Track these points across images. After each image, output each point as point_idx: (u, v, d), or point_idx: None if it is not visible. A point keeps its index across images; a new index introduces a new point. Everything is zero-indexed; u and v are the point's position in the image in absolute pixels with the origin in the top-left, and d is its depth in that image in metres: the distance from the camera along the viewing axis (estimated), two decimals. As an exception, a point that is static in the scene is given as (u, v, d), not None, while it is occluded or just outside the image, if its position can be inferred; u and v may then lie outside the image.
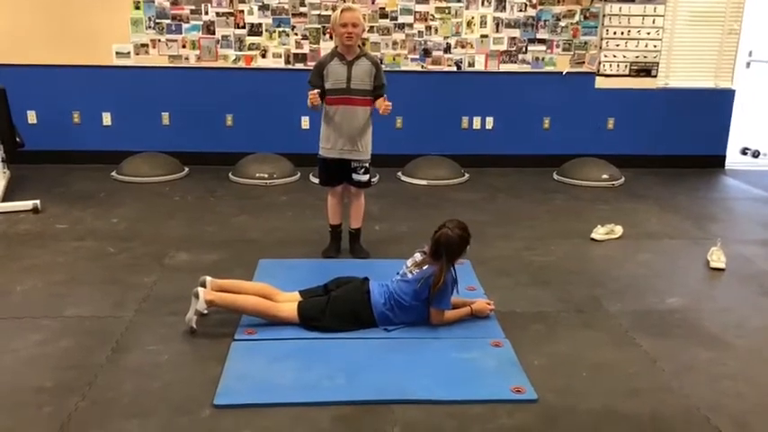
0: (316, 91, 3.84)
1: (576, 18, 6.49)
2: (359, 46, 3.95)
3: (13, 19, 6.08)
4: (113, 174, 6.01)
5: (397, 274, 3.30)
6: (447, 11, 6.38)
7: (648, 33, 6.56)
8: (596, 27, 6.53)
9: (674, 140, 6.82)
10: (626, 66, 6.63)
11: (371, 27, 6.32)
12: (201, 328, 3.12)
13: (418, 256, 3.28)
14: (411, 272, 3.23)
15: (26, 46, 6.12)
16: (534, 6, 6.43)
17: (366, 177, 4.07)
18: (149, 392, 2.64)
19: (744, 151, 7.56)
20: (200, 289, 3.14)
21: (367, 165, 4.05)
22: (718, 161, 6.95)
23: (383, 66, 6.31)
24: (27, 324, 3.19)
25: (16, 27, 6.09)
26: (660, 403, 2.66)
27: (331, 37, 6.28)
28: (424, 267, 3.20)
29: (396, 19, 6.36)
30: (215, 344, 3.01)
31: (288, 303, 3.18)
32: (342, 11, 3.82)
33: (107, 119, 6.39)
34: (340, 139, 3.95)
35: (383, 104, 3.87)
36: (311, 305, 3.16)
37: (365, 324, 3.15)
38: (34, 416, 2.48)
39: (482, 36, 6.46)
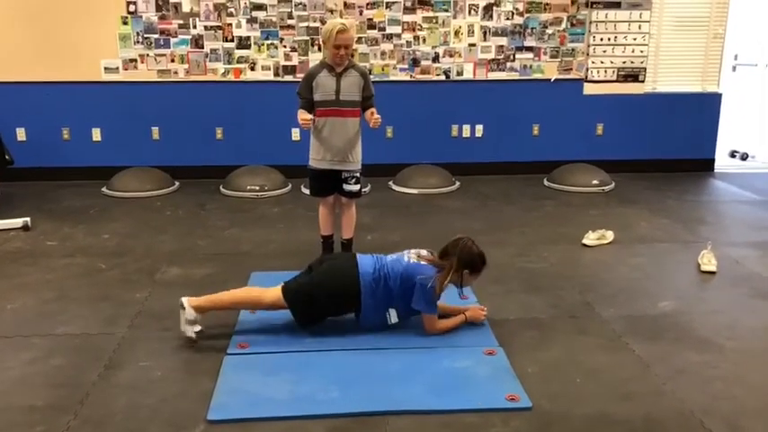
0: (309, 117, 3.85)
1: (563, 25, 6.54)
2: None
3: (0, 36, 6.07)
4: (104, 189, 5.99)
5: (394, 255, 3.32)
6: (435, 20, 6.42)
7: (635, 39, 6.61)
8: (583, 34, 6.58)
9: (662, 145, 6.86)
10: (613, 71, 6.68)
11: (360, 38, 6.34)
12: (194, 343, 3.11)
13: (424, 252, 3.28)
14: (410, 258, 3.22)
15: (14, 63, 6.12)
16: (521, 14, 6.47)
17: (357, 187, 4.08)
18: (142, 409, 2.62)
19: (732, 154, 7.61)
20: (183, 299, 3.12)
21: (358, 175, 4.05)
22: (706, 164, 6.99)
23: (372, 76, 6.36)
24: (17, 343, 3.17)
25: (4, 44, 6.08)
26: (654, 407, 2.66)
27: (320, 48, 6.31)
28: (423, 263, 3.19)
29: (384, 29, 6.39)
30: (208, 358, 3.00)
31: (272, 289, 3.19)
32: (337, 32, 3.77)
33: (97, 135, 6.38)
34: (330, 150, 3.96)
35: (372, 118, 3.89)
36: (295, 281, 3.19)
37: (349, 296, 3.13)
38: (26, 435, 2.47)
39: (470, 45, 6.50)
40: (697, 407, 2.66)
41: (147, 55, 6.26)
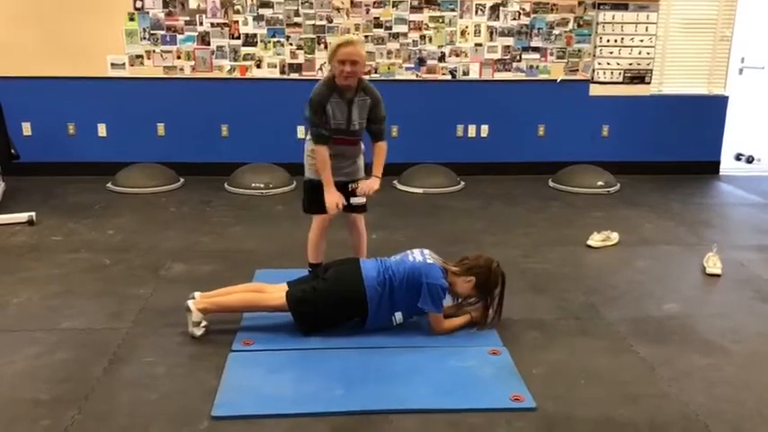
0: (338, 199, 3.49)
1: (570, 26, 6.53)
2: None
3: (7, 31, 6.08)
4: (109, 185, 6.00)
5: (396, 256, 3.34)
6: (441, 20, 6.41)
7: (642, 41, 6.60)
8: (590, 35, 6.57)
9: (668, 147, 6.85)
10: (619, 73, 6.66)
11: (366, 36, 6.34)
12: (198, 339, 3.12)
13: (427, 252, 3.29)
14: (415, 258, 3.24)
15: (21, 58, 6.12)
16: (528, 15, 6.46)
17: (364, 200, 3.74)
18: (146, 405, 2.63)
19: (738, 157, 7.59)
20: (189, 302, 3.15)
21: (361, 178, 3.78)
22: (712, 167, 6.98)
23: (377, 75, 6.36)
24: (23, 337, 3.17)
25: (11, 39, 6.09)
26: (658, 410, 2.65)
27: (326, 46, 6.31)
28: (430, 262, 3.20)
29: (390, 28, 6.39)
30: (212, 355, 3.00)
31: (277, 292, 3.19)
32: (339, 45, 3.34)
33: (102, 130, 6.39)
34: (336, 172, 3.61)
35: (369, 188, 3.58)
36: (299, 287, 3.18)
37: (355, 303, 3.13)
38: (31, 429, 2.47)
39: (476, 45, 6.49)
40: (702, 410, 2.65)
41: (154, 51, 6.26)
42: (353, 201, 3.66)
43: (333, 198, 3.48)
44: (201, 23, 6.25)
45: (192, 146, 6.45)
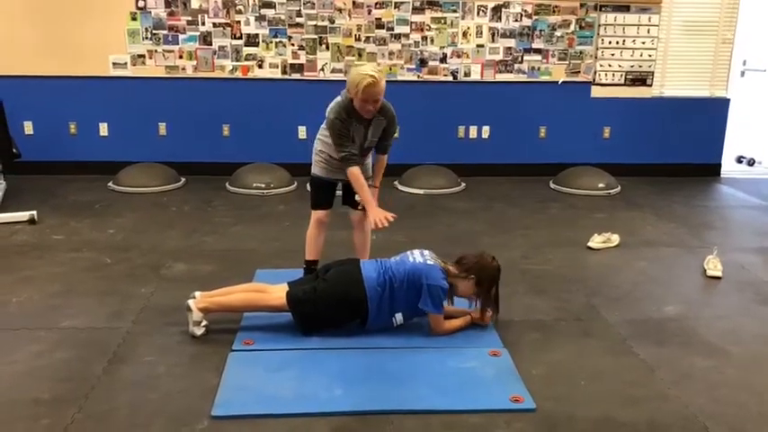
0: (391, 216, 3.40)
1: (572, 28, 6.53)
2: None
3: (9, 30, 6.09)
4: (110, 184, 6.01)
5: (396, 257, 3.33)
6: (443, 21, 6.41)
7: (643, 43, 6.60)
8: (592, 37, 6.57)
9: (669, 149, 6.85)
10: (621, 75, 6.66)
11: (368, 38, 6.35)
12: (199, 338, 3.13)
13: (427, 252, 3.29)
14: (415, 259, 3.24)
15: (23, 57, 6.13)
16: (530, 16, 6.46)
17: None
18: (147, 404, 2.63)
19: (739, 159, 7.59)
20: (190, 301, 3.16)
21: (370, 183, 3.75)
22: (713, 169, 6.98)
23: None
24: (23, 336, 3.18)
25: (13, 38, 6.10)
26: (658, 412, 2.65)
27: (327, 47, 6.32)
28: (430, 263, 3.20)
29: (392, 29, 6.39)
30: (213, 355, 3.00)
31: (278, 292, 3.19)
32: (366, 86, 3.28)
33: (104, 129, 6.39)
34: (341, 169, 3.59)
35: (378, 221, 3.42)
36: (300, 288, 3.18)
37: (355, 304, 3.13)
38: (31, 428, 2.47)
39: (478, 46, 6.49)
40: (702, 412, 2.65)
41: (156, 51, 6.27)
42: (358, 197, 3.68)
43: (377, 214, 3.41)
44: (203, 23, 6.26)
45: (193, 146, 6.46)
